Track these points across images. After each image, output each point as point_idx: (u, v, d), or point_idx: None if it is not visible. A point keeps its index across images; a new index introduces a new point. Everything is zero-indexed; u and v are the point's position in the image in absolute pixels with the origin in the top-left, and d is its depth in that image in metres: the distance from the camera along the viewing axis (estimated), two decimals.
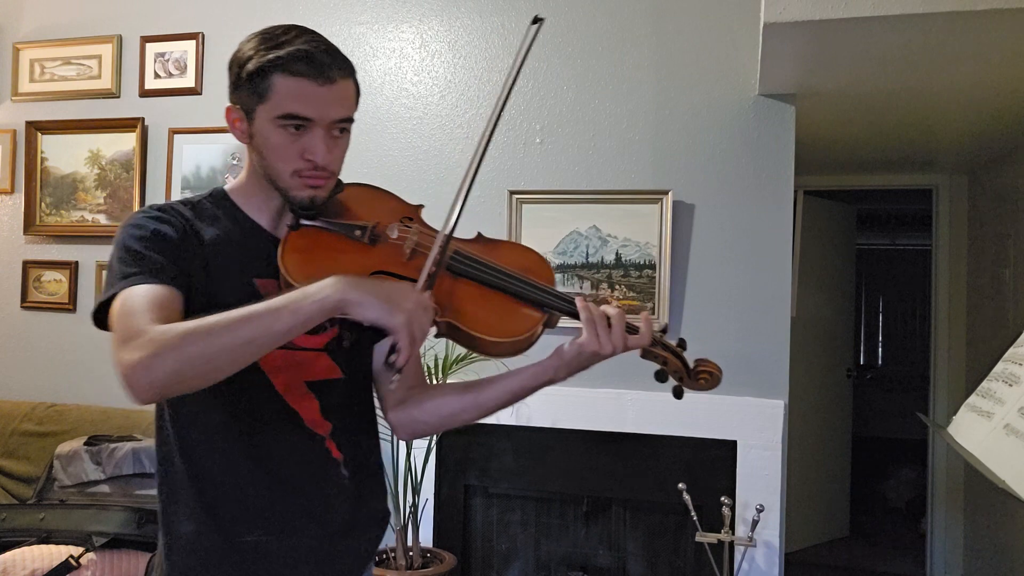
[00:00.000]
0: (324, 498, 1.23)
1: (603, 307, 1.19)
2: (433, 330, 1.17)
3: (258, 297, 1.10)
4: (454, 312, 1.18)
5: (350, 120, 1.19)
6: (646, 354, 1.23)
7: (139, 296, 1.05)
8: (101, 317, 1.09)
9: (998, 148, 3.47)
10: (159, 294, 1.07)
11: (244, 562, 1.19)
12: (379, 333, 1.19)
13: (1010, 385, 1.25)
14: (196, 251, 1.16)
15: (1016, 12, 1.86)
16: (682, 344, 1.26)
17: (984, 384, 1.33)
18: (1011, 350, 1.31)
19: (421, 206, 1.32)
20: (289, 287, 1.11)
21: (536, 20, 1.25)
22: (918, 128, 3.21)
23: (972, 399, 1.34)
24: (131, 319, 1.02)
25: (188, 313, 1.09)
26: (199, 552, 1.19)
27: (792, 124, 2.69)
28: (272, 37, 1.15)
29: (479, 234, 1.31)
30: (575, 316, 1.20)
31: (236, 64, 1.17)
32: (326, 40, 1.18)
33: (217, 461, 1.18)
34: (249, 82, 1.14)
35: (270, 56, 1.13)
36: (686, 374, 1.24)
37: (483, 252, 1.27)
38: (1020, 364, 1.26)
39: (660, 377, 1.25)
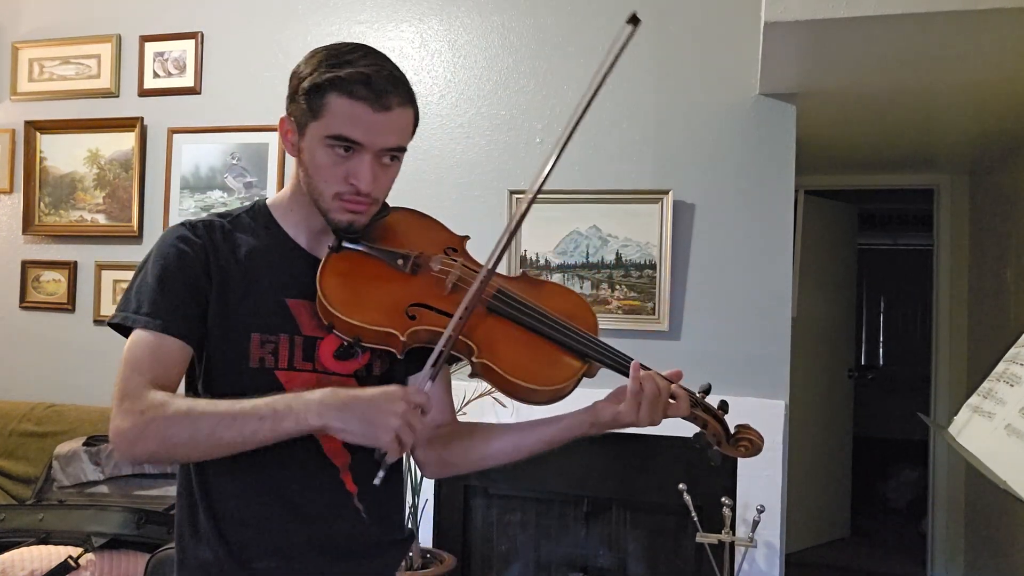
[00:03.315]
0: (337, 529, 1.21)
1: (655, 378, 1.14)
2: (468, 369, 1.15)
3: (289, 319, 1.16)
4: (491, 354, 1.13)
5: (402, 150, 1.16)
6: (687, 417, 1.18)
7: (146, 347, 1.10)
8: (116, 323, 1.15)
9: (1000, 148, 3.46)
10: (164, 348, 1.11)
11: None
12: (413, 363, 1.19)
13: (1011, 385, 1.24)
14: (225, 273, 1.16)
15: (1018, 11, 1.85)
16: (724, 406, 1.21)
17: (985, 384, 1.32)
18: (1012, 350, 1.30)
19: (467, 237, 1.29)
20: (324, 310, 1.12)
21: (632, 20, 1.13)
22: (919, 128, 3.20)
23: (973, 399, 1.33)
24: (133, 375, 1.07)
25: (211, 338, 1.15)
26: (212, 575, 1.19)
27: (793, 124, 2.68)
28: (336, 55, 1.13)
29: (524, 272, 1.30)
30: (624, 374, 1.15)
31: (296, 77, 1.15)
32: (392, 65, 1.15)
33: (235, 494, 1.18)
34: (305, 97, 1.12)
35: (329, 75, 1.10)
36: (725, 439, 1.19)
37: (526, 292, 1.21)
38: (1021, 364, 1.26)
39: (697, 440, 1.18)
